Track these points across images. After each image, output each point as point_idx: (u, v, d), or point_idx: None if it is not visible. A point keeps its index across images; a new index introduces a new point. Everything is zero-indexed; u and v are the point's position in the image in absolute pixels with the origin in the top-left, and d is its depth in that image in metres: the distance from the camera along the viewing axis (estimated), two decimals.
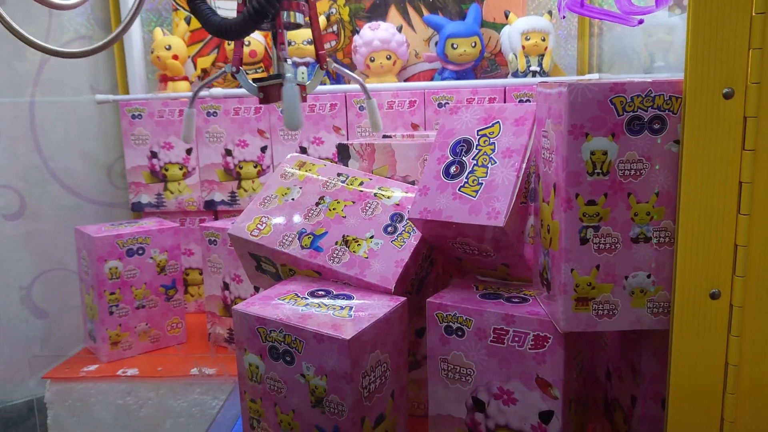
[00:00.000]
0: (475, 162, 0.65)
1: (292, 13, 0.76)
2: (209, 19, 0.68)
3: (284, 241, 0.74)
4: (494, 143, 0.65)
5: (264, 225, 0.77)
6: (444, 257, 0.74)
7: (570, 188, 0.52)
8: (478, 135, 0.67)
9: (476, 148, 0.66)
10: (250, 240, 0.76)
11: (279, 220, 0.76)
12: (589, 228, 0.52)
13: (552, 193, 0.55)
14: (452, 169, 0.66)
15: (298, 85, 0.74)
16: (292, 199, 0.78)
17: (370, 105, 0.95)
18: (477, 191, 0.63)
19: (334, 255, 0.72)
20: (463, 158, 0.66)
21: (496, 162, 0.64)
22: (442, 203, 0.64)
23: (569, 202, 0.52)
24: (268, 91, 0.78)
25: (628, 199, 0.52)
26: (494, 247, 0.64)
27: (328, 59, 0.83)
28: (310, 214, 0.76)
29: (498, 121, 0.67)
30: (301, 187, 0.79)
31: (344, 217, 0.75)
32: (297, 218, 0.76)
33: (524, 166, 0.63)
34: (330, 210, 0.76)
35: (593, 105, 0.51)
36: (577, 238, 0.53)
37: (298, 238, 0.74)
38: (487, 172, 0.64)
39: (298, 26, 0.78)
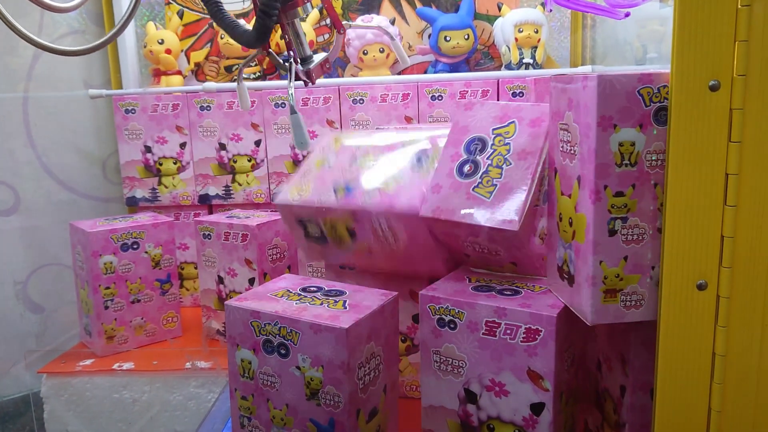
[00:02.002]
0: (489, 162, 0.65)
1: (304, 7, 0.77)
2: (236, 30, 0.69)
3: (322, 198, 0.76)
4: (509, 143, 0.65)
5: (304, 189, 0.79)
6: (451, 253, 0.74)
7: (599, 180, 0.52)
8: (493, 134, 0.66)
9: (491, 148, 0.65)
10: (293, 204, 0.78)
11: (317, 182, 0.79)
12: (617, 219, 0.52)
13: (575, 186, 0.55)
14: (466, 168, 0.66)
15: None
16: (329, 166, 0.80)
17: (395, 45, 0.98)
18: (491, 192, 0.63)
19: (365, 196, 0.73)
20: (477, 157, 0.66)
21: (511, 163, 0.63)
22: (456, 203, 0.64)
23: (598, 194, 0.52)
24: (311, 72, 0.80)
25: (654, 190, 0.52)
26: (505, 247, 0.64)
27: (345, 23, 0.84)
28: (343, 171, 0.78)
29: (514, 121, 0.66)
30: (336, 155, 0.81)
31: (374, 163, 0.77)
32: (332, 176, 0.78)
33: (539, 169, 0.62)
34: (361, 164, 0.78)
35: (621, 96, 0.50)
36: (605, 229, 0.53)
37: (334, 191, 0.75)
38: (501, 173, 0.63)
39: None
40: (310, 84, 0.78)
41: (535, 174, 0.62)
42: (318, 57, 0.79)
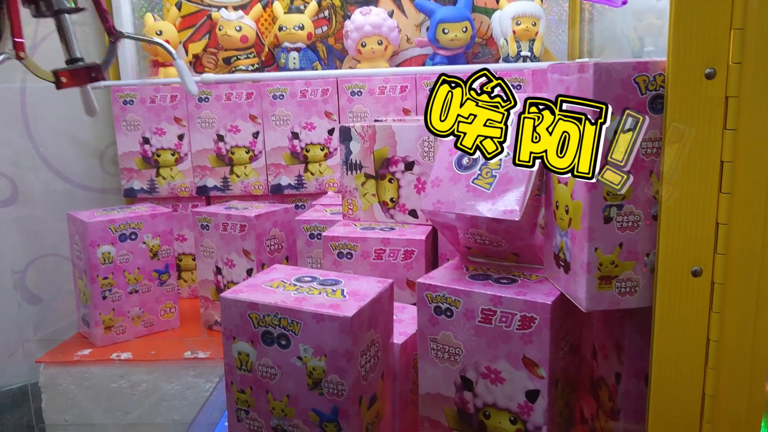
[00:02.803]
0: None
1: None
2: None
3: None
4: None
5: None
6: (452, 246, 0.74)
7: None
8: None
9: None
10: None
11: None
12: (612, 207, 0.53)
13: None
14: (464, 161, 0.66)
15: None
16: None
17: (178, 66, 0.90)
18: (491, 184, 0.63)
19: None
20: None
21: (509, 154, 0.64)
22: (456, 195, 0.64)
23: None
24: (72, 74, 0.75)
25: (650, 177, 0.52)
26: (507, 238, 0.65)
27: (119, 31, 0.79)
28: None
29: None
30: None
31: None
32: None
33: None
34: None
35: (617, 84, 0.51)
36: (601, 217, 0.53)
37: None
38: (500, 164, 0.64)
39: (77, 10, 0.75)
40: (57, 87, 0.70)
41: None
42: (81, 64, 0.74)
